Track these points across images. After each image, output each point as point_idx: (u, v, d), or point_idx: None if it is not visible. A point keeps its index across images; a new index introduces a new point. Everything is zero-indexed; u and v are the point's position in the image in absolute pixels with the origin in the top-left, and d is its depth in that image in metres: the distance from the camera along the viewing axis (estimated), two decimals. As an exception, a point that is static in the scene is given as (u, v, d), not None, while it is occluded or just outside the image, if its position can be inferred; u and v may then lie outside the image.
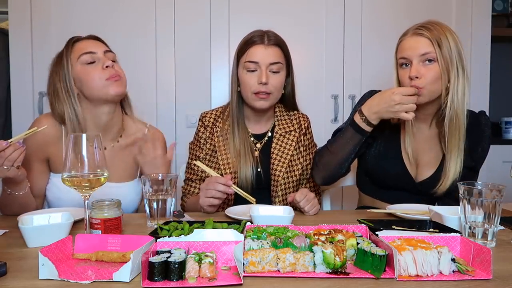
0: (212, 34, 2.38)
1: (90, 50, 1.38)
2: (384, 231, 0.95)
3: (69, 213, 1.07)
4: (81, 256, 0.88)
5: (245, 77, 1.51)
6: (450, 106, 1.37)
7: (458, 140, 1.40)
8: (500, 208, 0.98)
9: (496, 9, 2.77)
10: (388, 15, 2.46)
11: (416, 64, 1.36)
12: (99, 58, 1.38)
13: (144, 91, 2.32)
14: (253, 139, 1.60)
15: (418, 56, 1.36)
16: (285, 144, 1.59)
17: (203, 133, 1.60)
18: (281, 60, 1.52)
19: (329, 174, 1.49)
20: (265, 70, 1.48)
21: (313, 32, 2.42)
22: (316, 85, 2.44)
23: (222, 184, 1.30)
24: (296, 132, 1.61)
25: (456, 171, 1.41)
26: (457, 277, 0.78)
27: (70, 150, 0.94)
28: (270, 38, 1.50)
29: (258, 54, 1.48)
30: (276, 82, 1.51)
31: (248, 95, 1.52)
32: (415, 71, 1.35)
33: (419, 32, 1.38)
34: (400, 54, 1.41)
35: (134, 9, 2.34)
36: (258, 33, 1.52)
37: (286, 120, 1.64)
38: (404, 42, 1.40)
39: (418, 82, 1.35)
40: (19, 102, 2.30)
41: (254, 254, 0.81)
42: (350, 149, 1.43)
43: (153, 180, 1.20)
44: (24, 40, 2.27)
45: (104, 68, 1.36)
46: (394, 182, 1.51)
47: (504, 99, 2.95)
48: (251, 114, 1.60)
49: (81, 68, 1.37)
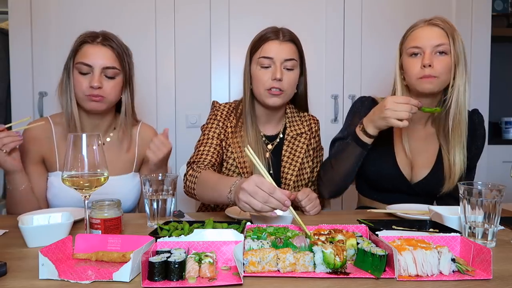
0: (212, 34, 2.38)
1: (89, 63, 1.37)
2: (384, 231, 0.95)
3: (69, 213, 1.07)
4: (81, 256, 0.88)
5: (259, 73, 1.47)
6: (456, 101, 1.36)
7: (461, 137, 1.40)
8: (500, 208, 0.98)
9: (496, 9, 2.78)
10: (388, 15, 2.46)
11: (429, 53, 1.34)
12: (93, 73, 1.37)
13: (144, 91, 2.32)
14: (264, 139, 1.57)
15: (432, 46, 1.34)
16: (296, 147, 1.57)
17: (219, 121, 1.53)
18: (296, 57, 1.49)
19: (335, 188, 1.48)
20: (280, 66, 1.45)
21: (313, 32, 2.42)
22: (316, 85, 2.44)
23: (277, 201, 1.02)
24: (307, 134, 1.60)
25: (462, 168, 1.41)
26: (457, 277, 0.78)
27: (70, 149, 0.95)
28: (285, 34, 1.48)
29: (272, 49, 1.45)
30: (290, 79, 1.47)
31: (261, 91, 1.48)
32: (429, 59, 1.33)
33: (434, 23, 1.37)
34: (412, 43, 1.38)
35: (134, 9, 2.34)
36: (273, 29, 1.49)
37: (297, 121, 1.62)
38: (418, 31, 1.39)
39: (431, 71, 1.33)
40: (19, 102, 2.30)
41: (254, 254, 0.81)
42: (352, 163, 1.41)
43: (153, 180, 1.20)
44: (24, 40, 2.27)
45: (89, 87, 1.37)
46: (389, 184, 1.51)
47: (504, 99, 2.95)
48: (263, 114, 1.56)
49: (75, 73, 1.39)
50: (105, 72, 1.38)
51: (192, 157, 1.49)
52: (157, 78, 2.38)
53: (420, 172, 1.48)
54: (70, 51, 1.41)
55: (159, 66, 2.37)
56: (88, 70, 1.37)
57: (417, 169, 1.49)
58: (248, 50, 1.54)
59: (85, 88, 1.36)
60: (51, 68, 2.25)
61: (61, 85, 1.42)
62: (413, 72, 1.37)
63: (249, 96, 1.52)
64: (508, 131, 2.80)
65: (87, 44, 1.39)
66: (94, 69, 1.36)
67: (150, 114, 2.35)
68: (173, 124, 2.39)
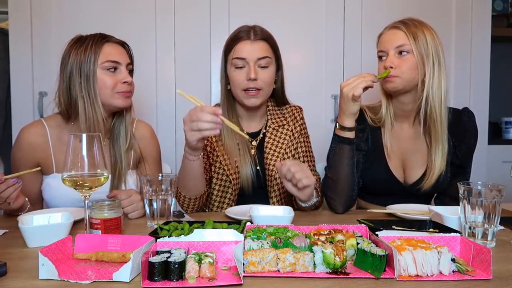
0: (212, 34, 2.38)
1: (116, 59, 1.39)
2: (384, 231, 0.95)
3: (69, 213, 1.07)
4: (81, 256, 0.88)
5: (234, 74, 1.48)
6: (425, 99, 1.39)
7: (440, 135, 1.41)
8: (500, 208, 0.98)
9: (496, 9, 2.77)
10: (388, 15, 2.44)
11: (392, 55, 1.40)
12: (120, 70, 1.40)
13: (144, 91, 2.32)
14: (248, 137, 1.56)
15: (394, 48, 1.40)
16: (278, 138, 1.56)
17: None
18: (269, 54, 1.48)
19: (344, 198, 1.41)
20: (253, 66, 1.45)
21: (313, 32, 2.42)
22: (316, 85, 2.44)
23: (210, 114, 1.16)
24: (289, 125, 1.59)
25: (442, 166, 1.42)
26: (457, 277, 0.78)
27: (70, 150, 0.95)
28: (257, 33, 1.47)
29: (245, 50, 1.45)
30: (265, 77, 1.47)
31: (238, 92, 1.49)
32: (390, 62, 1.39)
33: (396, 26, 1.43)
34: (378, 47, 1.45)
35: (134, 9, 2.33)
36: (244, 28, 1.49)
37: (279, 115, 1.62)
38: (382, 36, 1.46)
39: (392, 72, 1.39)
40: (19, 102, 2.29)
41: (254, 254, 0.81)
42: (346, 164, 1.40)
43: (153, 180, 1.20)
44: (24, 40, 2.27)
45: (122, 83, 1.39)
46: (384, 188, 1.51)
47: (504, 99, 2.95)
48: (244, 112, 1.57)
49: (100, 73, 1.38)
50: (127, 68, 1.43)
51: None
52: (157, 77, 2.37)
53: (414, 173, 1.48)
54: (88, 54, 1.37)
55: (159, 66, 2.37)
56: (116, 66, 1.40)
57: (410, 171, 1.48)
58: (223, 51, 1.54)
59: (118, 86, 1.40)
60: (51, 68, 2.24)
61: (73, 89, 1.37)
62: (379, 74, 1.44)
63: (226, 97, 1.53)
64: (508, 131, 2.80)
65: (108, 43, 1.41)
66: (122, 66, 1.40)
67: (150, 114, 2.35)
68: (173, 124, 2.39)
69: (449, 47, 2.46)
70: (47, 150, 1.42)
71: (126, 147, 1.48)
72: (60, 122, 1.45)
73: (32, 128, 1.43)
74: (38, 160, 1.42)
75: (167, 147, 2.28)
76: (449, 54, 2.47)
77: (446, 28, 2.46)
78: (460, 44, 2.48)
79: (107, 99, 1.39)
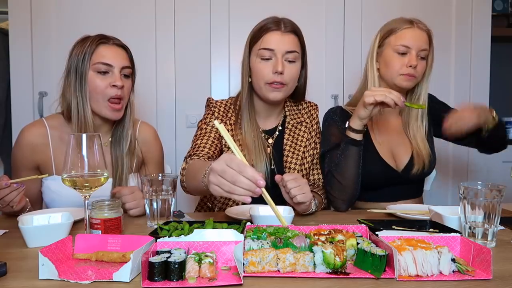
0: (212, 34, 2.38)
1: (108, 62, 1.38)
2: (384, 231, 0.95)
3: (69, 213, 1.07)
4: (81, 256, 0.88)
5: (259, 66, 1.40)
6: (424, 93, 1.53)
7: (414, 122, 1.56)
8: (500, 208, 0.99)
9: (496, 9, 2.77)
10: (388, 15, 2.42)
11: (414, 55, 1.46)
12: (113, 72, 1.38)
13: (144, 91, 2.32)
14: (263, 134, 1.51)
15: (419, 49, 1.46)
16: (297, 136, 1.52)
17: (217, 118, 1.48)
18: (298, 49, 1.43)
19: (348, 197, 1.42)
20: (281, 59, 1.38)
21: (313, 32, 2.41)
22: (316, 85, 2.43)
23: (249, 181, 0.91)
24: (306, 123, 1.56)
25: (425, 147, 1.53)
26: (457, 277, 0.78)
27: (70, 150, 0.94)
28: (287, 25, 1.41)
29: (274, 41, 1.39)
30: (291, 72, 1.41)
31: (261, 85, 1.41)
32: (416, 61, 1.45)
33: (422, 28, 1.48)
34: (402, 41, 1.47)
35: (134, 9, 2.33)
36: (274, 19, 1.43)
37: (295, 111, 1.58)
38: (408, 31, 1.47)
39: (414, 71, 1.45)
40: (19, 102, 2.29)
41: (254, 254, 0.81)
42: (354, 165, 1.40)
43: (153, 180, 1.20)
44: (24, 40, 2.27)
45: (111, 86, 1.37)
46: (381, 180, 1.53)
47: (504, 99, 2.94)
48: (262, 108, 1.51)
49: (92, 75, 1.37)
50: (123, 72, 1.42)
51: (188, 152, 1.45)
52: (157, 78, 2.37)
53: (403, 159, 1.55)
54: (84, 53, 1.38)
55: (159, 66, 2.37)
56: (107, 69, 1.38)
57: (400, 158, 1.55)
58: (247, 41, 1.47)
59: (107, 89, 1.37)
60: (51, 68, 2.24)
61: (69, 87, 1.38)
62: (395, 68, 1.47)
63: (247, 90, 1.46)
64: (508, 131, 2.80)
65: (104, 44, 1.40)
66: (114, 69, 1.39)
67: (150, 114, 2.34)
68: (173, 124, 2.38)
69: (449, 47, 2.47)
70: (47, 151, 1.42)
71: (127, 150, 1.47)
72: (61, 121, 1.44)
73: (32, 128, 1.42)
74: (38, 163, 1.41)
75: (167, 147, 2.26)
76: (449, 54, 2.47)
77: (446, 28, 2.46)
78: (460, 44, 2.48)
79: (98, 107, 1.39)
